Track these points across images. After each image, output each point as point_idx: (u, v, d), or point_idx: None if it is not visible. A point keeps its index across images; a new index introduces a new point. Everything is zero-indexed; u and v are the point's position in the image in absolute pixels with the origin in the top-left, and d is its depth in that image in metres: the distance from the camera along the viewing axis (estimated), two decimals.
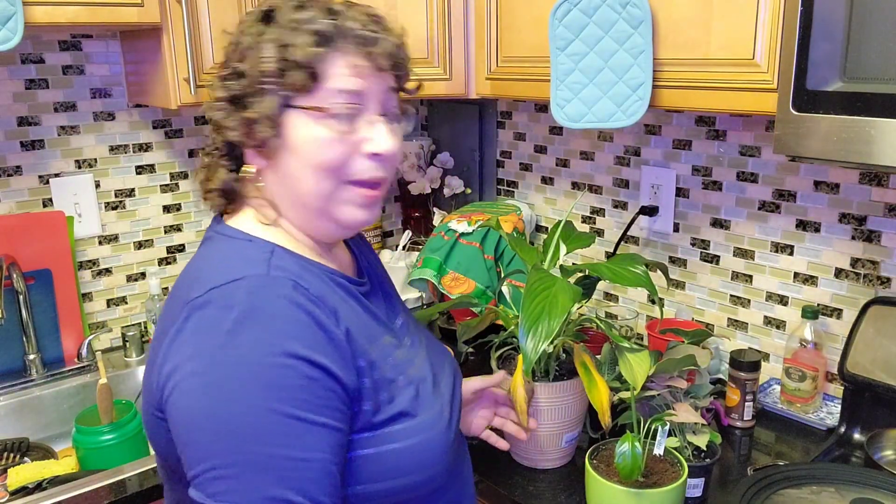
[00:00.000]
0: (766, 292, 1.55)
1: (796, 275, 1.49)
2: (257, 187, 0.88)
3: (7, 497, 1.28)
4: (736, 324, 1.62)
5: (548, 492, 1.24)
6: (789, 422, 1.45)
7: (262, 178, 0.88)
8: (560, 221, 1.34)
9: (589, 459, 1.16)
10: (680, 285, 1.70)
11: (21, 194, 1.68)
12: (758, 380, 1.41)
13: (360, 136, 0.85)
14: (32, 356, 1.66)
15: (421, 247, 1.92)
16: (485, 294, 1.72)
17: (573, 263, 1.38)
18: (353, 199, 0.86)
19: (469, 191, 2.15)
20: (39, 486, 1.29)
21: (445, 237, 1.79)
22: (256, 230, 0.88)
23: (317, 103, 0.83)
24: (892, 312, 1.30)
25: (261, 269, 0.81)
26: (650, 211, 1.69)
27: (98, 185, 1.76)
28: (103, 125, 1.75)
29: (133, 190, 1.82)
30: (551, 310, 1.07)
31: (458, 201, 2.14)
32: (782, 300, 1.52)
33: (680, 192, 1.66)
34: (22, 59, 1.63)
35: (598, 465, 1.15)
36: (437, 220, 2.00)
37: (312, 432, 0.75)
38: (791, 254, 1.49)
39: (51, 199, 1.71)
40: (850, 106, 0.95)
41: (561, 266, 1.25)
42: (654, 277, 1.30)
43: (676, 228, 1.68)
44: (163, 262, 1.89)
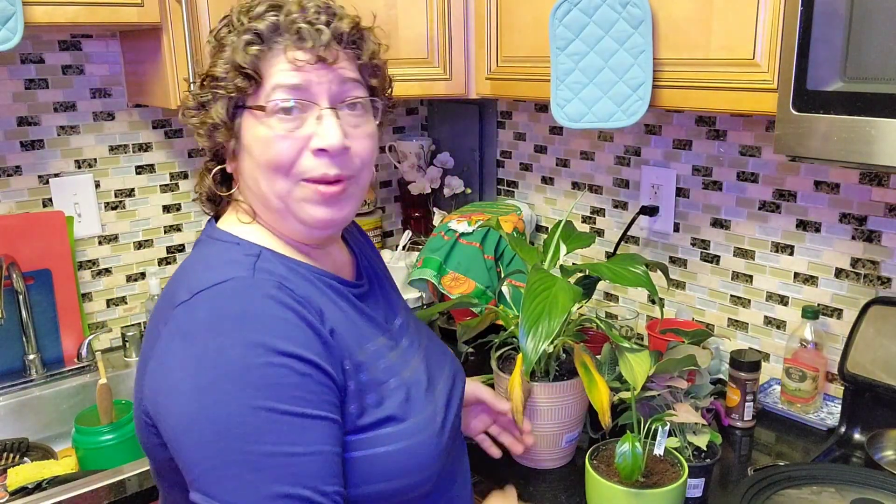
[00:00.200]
0: (767, 292, 1.55)
1: (796, 275, 1.49)
2: (234, 191, 0.90)
3: (7, 497, 1.28)
4: (736, 324, 1.62)
5: (548, 492, 1.24)
6: (789, 422, 1.44)
7: (236, 181, 0.90)
8: (560, 221, 1.34)
9: (589, 459, 1.15)
10: (680, 285, 1.70)
11: (21, 194, 1.67)
12: (758, 380, 1.41)
13: (308, 132, 0.83)
14: (32, 356, 1.66)
15: (421, 247, 1.92)
16: (485, 294, 1.72)
17: (573, 263, 1.38)
18: (308, 196, 0.85)
19: (469, 191, 2.15)
20: (39, 487, 1.29)
21: (445, 237, 1.79)
22: (245, 233, 0.88)
23: (260, 102, 0.83)
24: (893, 312, 1.30)
25: (246, 271, 0.81)
26: (650, 211, 1.69)
27: (98, 185, 1.76)
28: (103, 125, 1.75)
29: (133, 190, 1.82)
30: (551, 310, 1.07)
31: (458, 201, 2.14)
32: (782, 300, 1.52)
33: (680, 192, 1.66)
34: (22, 59, 1.63)
35: (599, 465, 1.15)
36: (437, 220, 2.00)
37: (311, 427, 0.75)
38: (791, 254, 1.49)
39: (51, 199, 1.71)
40: (851, 106, 0.95)
41: (561, 266, 1.25)
42: (655, 277, 1.30)
43: (677, 228, 1.68)
44: (163, 262, 1.89)
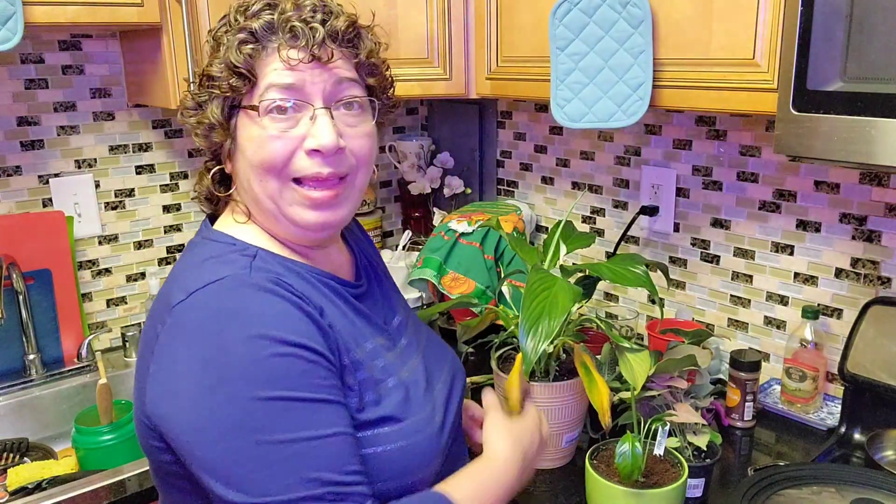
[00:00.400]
0: (767, 292, 1.55)
1: (796, 275, 1.49)
2: (231, 191, 0.90)
3: (7, 497, 1.28)
4: (736, 324, 1.62)
5: (548, 492, 1.24)
6: (790, 422, 1.44)
7: (233, 182, 0.90)
8: (560, 221, 1.34)
9: (589, 459, 1.15)
10: (680, 285, 1.70)
11: (21, 194, 1.67)
12: (758, 380, 1.41)
13: (302, 132, 0.83)
14: (32, 356, 1.66)
15: (421, 247, 1.92)
16: (485, 294, 1.72)
17: (573, 263, 1.38)
18: (298, 199, 0.84)
19: (469, 191, 2.15)
20: (39, 487, 1.29)
21: (445, 237, 1.79)
22: (241, 233, 0.88)
23: (254, 102, 0.83)
24: (893, 312, 1.30)
25: (242, 269, 0.81)
26: (650, 211, 1.69)
27: (98, 185, 1.76)
28: (103, 125, 1.75)
29: (133, 190, 1.82)
30: (552, 310, 1.07)
31: (458, 201, 2.14)
32: (782, 300, 1.52)
33: (680, 192, 1.66)
34: (22, 59, 1.63)
35: (599, 465, 1.15)
36: (437, 220, 2.00)
37: (325, 410, 0.76)
38: (791, 254, 1.49)
39: (50, 199, 1.70)
40: (851, 106, 0.94)
41: (561, 266, 1.25)
42: (655, 277, 1.30)
43: (677, 228, 1.68)
44: (162, 262, 1.89)
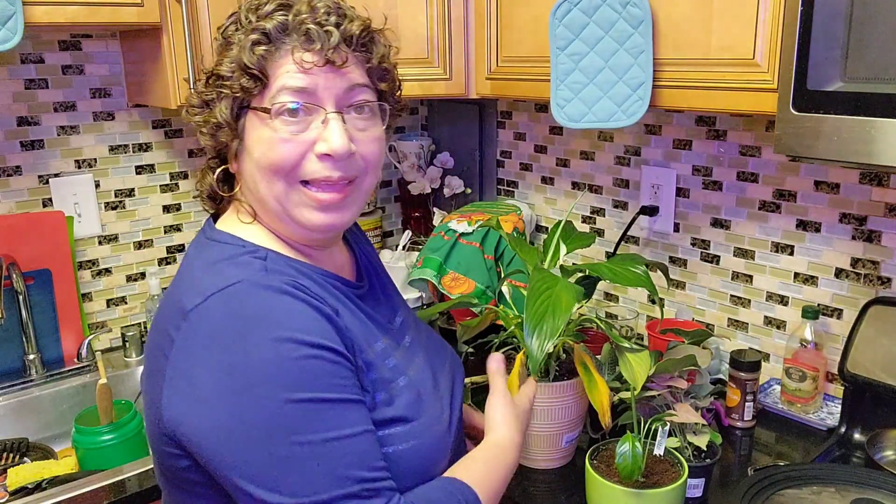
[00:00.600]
0: (767, 292, 1.55)
1: (796, 275, 1.49)
2: (235, 191, 0.89)
3: (7, 497, 1.28)
4: (736, 324, 1.62)
5: (548, 492, 1.24)
6: (790, 422, 1.44)
7: (238, 182, 0.89)
8: (560, 221, 1.34)
9: (589, 459, 1.15)
10: (680, 285, 1.70)
11: (21, 194, 1.67)
12: (758, 380, 1.41)
13: (313, 136, 0.82)
14: (32, 356, 1.66)
15: (421, 247, 1.92)
16: (485, 294, 1.72)
17: (573, 263, 1.38)
18: (305, 201, 0.84)
19: (469, 191, 2.15)
20: (39, 487, 1.29)
21: (445, 237, 1.79)
22: (247, 234, 0.87)
23: (265, 104, 0.82)
24: (893, 312, 1.30)
25: (258, 272, 0.80)
26: (650, 211, 1.69)
27: (98, 185, 1.76)
28: (103, 125, 1.75)
29: (133, 190, 1.82)
30: (555, 308, 1.06)
31: (458, 201, 2.14)
32: (782, 300, 1.52)
33: (680, 192, 1.66)
34: (22, 59, 1.63)
35: (599, 465, 1.15)
36: (437, 220, 2.00)
37: (352, 409, 0.77)
38: (791, 254, 1.49)
39: (50, 199, 1.70)
40: (851, 106, 0.94)
41: (561, 266, 1.25)
42: (655, 277, 1.29)
43: (677, 228, 1.68)
44: (162, 262, 1.89)
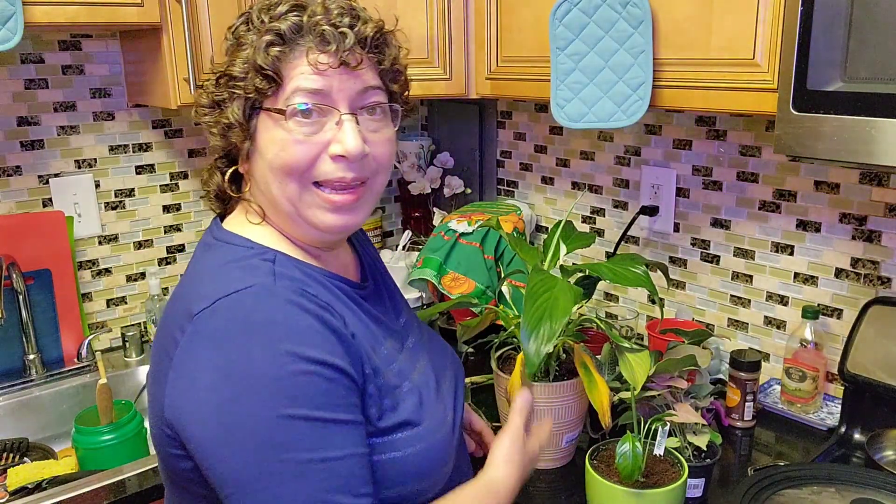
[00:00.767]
0: (767, 292, 1.55)
1: (796, 275, 1.49)
2: (244, 192, 0.89)
3: (7, 497, 1.28)
4: (736, 324, 1.62)
5: (548, 492, 1.24)
6: (790, 422, 1.44)
7: (247, 182, 0.89)
8: (560, 221, 1.34)
9: (589, 459, 1.15)
10: (680, 285, 1.70)
11: (21, 194, 1.67)
12: (758, 380, 1.41)
13: (327, 137, 0.82)
14: (32, 356, 1.66)
15: (421, 247, 1.92)
16: (485, 294, 1.72)
17: (573, 263, 1.38)
18: (318, 203, 0.84)
19: (469, 191, 2.15)
20: (39, 487, 1.29)
21: (445, 237, 1.79)
22: (256, 235, 0.87)
23: (279, 105, 0.82)
24: (893, 312, 1.30)
25: (266, 277, 0.80)
26: (650, 211, 1.69)
27: (98, 185, 1.76)
28: (103, 125, 1.75)
29: (133, 190, 1.82)
30: (553, 312, 1.06)
31: (458, 201, 2.14)
32: (782, 300, 1.52)
33: (680, 192, 1.66)
34: (22, 59, 1.63)
35: (599, 465, 1.15)
36: (437, 220, 2.00)
37: (342, 431, 0.76)
38: (791, 254, 1.49)
39: (50, 199, 1.70)
40: (851, 106, 0.94)
41: (561, 266, 1.25)
42: (655, 277, 1.29)
43: (677, 228, 1.68)
44: (163, 262, 1.89)
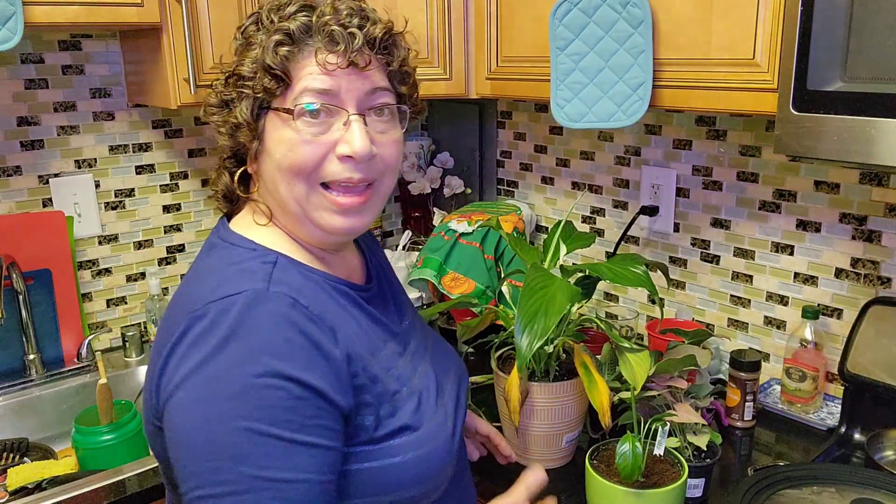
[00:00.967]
0: (767, 292, 1.55)
1: (796, 275, 1.49)
2: (252, 192, 0.88)
3: (7, 497, 1.28)
4: (736, 324, 1.62)
5: (548, 492, 1.24)
6: (790, 422, 1.44)
7: (255, 182, 0.88)
8: (560, 221, 1.34)
9: (589, 460, 1.15)
10: (680, 285, 1.70)
11: (21, 194, 1.67)
12: (758, 380, 1.41)
13: (335, 138, 0.82)
14: (32, 356, 1.65)
15: (421, 247, 1.92)
16: (485, 294, 1.72)
17: (573, 263, 1.38)
18: (326, 205, 0.84)
19: (469, 191, 2.15)
20: (39, 487, 1.29)
21: (445, 237, 1.79)
22: (261, 236, 0.86)
23: (287, 105, 0.82)
24: (893, 312, 1.30)
25: (261, 283, 0.79)
26: (650, 211, 1.69)
27: (98, 185, 1.76)
28: (103, 125, 1.75)
29: (133, 190, 1.82)
30: (548, 308, 1.06)
31: (458, 201, 2.14)
32: (782, 300, 1.52)
33: (680, 192, 1.66)
34: (22, 59, 1.63)
35: (599, 465, 1.15)
36: (437, 220, 2.00)
37: (300, 453, 0.73)
38: (791, 254, 1.49)
39: (50, 199, 1.70)
40: (851, 106, 0.95)
41: (561, 266, 1.25)
42: (655, 277, 1.30)
43: (677, 228, 1.68)
44: (163, 262, 1.89)
